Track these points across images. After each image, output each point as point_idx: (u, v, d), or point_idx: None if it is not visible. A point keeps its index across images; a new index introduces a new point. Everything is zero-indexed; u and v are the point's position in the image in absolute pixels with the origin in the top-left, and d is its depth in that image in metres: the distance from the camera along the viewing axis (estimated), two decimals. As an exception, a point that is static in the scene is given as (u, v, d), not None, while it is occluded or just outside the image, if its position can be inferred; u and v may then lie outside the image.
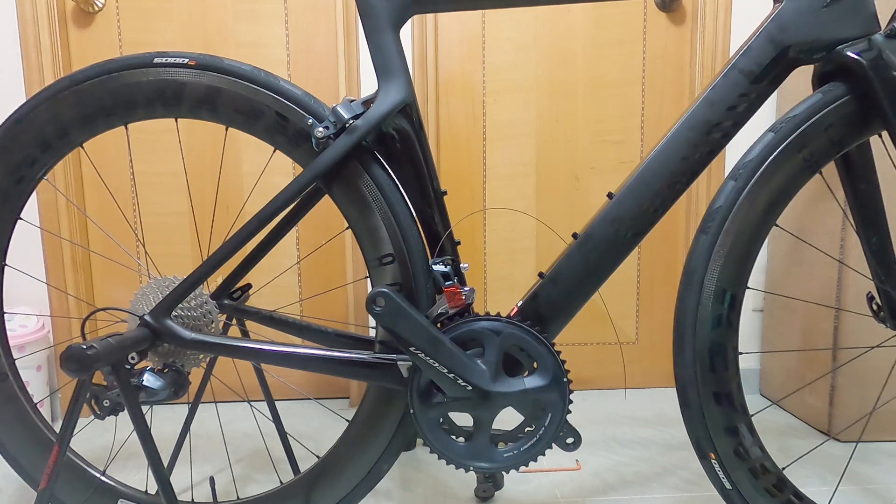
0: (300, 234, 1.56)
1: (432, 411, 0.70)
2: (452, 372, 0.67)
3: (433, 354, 0.67)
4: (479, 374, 0.68)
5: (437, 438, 0.71)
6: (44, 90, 0.73)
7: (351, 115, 0.70)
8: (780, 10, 0.68)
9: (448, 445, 0.71)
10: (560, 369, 0.69)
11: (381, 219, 0.72)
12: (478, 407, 0.69)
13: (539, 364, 0.69)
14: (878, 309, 0.82)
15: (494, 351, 0.69)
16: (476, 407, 0.69)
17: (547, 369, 0.69)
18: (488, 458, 0.71)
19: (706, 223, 0.69)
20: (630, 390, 1.65)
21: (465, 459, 0.71)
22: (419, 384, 0.70)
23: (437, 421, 0.71)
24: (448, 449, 0.71)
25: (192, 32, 1.46)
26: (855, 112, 0.67)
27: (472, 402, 0.69)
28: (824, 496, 1.03)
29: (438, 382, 0.68)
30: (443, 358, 0.67)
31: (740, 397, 0.70)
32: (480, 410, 0.70)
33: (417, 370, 0.69)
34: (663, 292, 1.63)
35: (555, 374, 0.69)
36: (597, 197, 1.58)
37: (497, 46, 1.52)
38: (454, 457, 0.71)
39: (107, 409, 0.66)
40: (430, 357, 0.67)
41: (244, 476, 1.13)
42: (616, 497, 1.04)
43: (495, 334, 0.68)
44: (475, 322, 0.69)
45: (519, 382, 0.69)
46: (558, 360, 0.69)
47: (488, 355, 0.69)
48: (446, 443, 0.71)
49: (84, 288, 1.49)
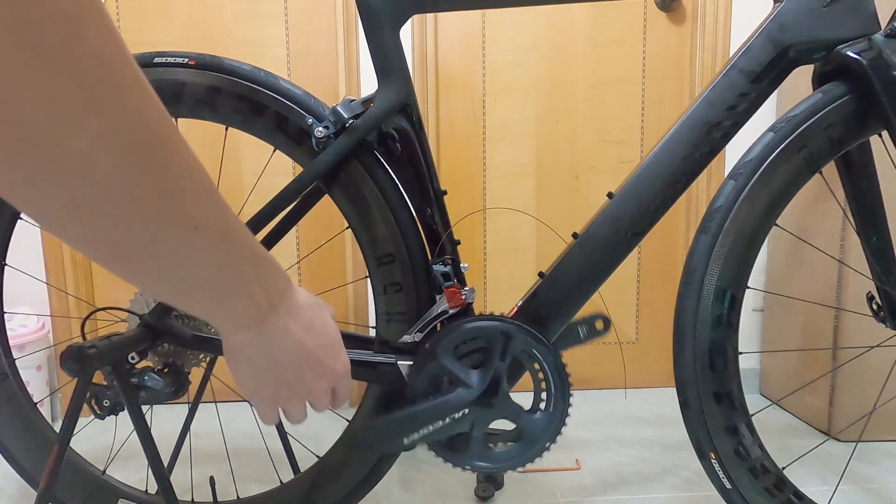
0: (300, 233, 1.56)
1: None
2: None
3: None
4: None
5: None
6: (44, 90, 0.73)
7: (351, 115, 0.70)
8: (780, 10, 0.68)
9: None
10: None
11: (381, 219, 0.72)
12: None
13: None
14: (878, 309, 0.82)
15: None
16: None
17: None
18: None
19: (706, 223, 0.69)
20: (630, 390, 1.65)
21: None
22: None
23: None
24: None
25: (192, 32, 1.46)
26: (855, 112, 0.67)
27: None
28: (824, 496, 1.03)
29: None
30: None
31: (740, 397, 0.70)
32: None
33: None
34: (663, 292, 1.63)
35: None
36: (597, 197, 1.58)
37: (497, 46, 1.52)
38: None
39: (107, 408, 0.66)
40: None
41: (244, 476, 1.13)
42: (616, 496, 1.04)
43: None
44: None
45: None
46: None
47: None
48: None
49: (84, 287, 1.49)
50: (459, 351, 0.69)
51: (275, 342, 0.40)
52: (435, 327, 0.71)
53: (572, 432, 1.34)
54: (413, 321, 0.72)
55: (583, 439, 1.30)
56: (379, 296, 0.73)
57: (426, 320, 0.70)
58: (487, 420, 0.69)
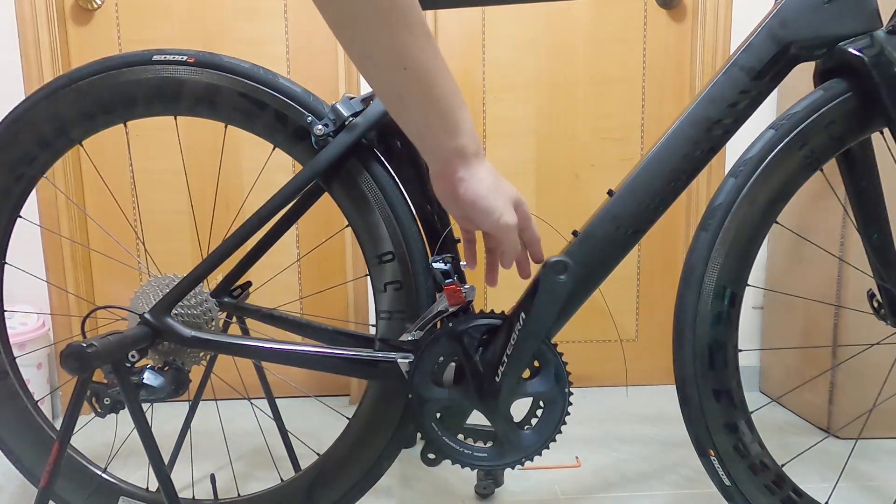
0: (300, 231, 1.56)
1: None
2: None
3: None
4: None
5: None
6: (43, 88, 0.73)
7: (350, 113, 0.70)
8: (782, 7, 0.68)
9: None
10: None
11: (381, 216, 0.72)
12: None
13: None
14: (879, 306, 0.82)
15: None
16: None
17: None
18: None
19: (706, 220, 0.69)
20: (630, 387, 1.65)
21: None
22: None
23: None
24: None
25: (191, 30, 1.46)
26: (856, 109, 0.67)
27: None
28: (823, 493, 1.03)
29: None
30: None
31: (740, 394, 0.70)
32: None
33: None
34: (663, 289, 1.63)
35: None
36: (597, 194, 1.58)
37: (497, 43, 1.52)
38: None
39: (107, 406, 0.66)
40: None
41: (245, 473, 1.13)
42: (616, 494, 1.04)
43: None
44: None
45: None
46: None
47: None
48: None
49: (84, 286, 1.49)
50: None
51: (490, 172, 0.56)
52: (435, 325, 0.71)
53: (573, 430, 1.34)
54: (413, 319, 0.72)
55: (583, 437, 1.30)
56: (379, 294, 0.73)
57: (426, 318, 0.70)
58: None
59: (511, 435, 0.69)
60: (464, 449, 0.70)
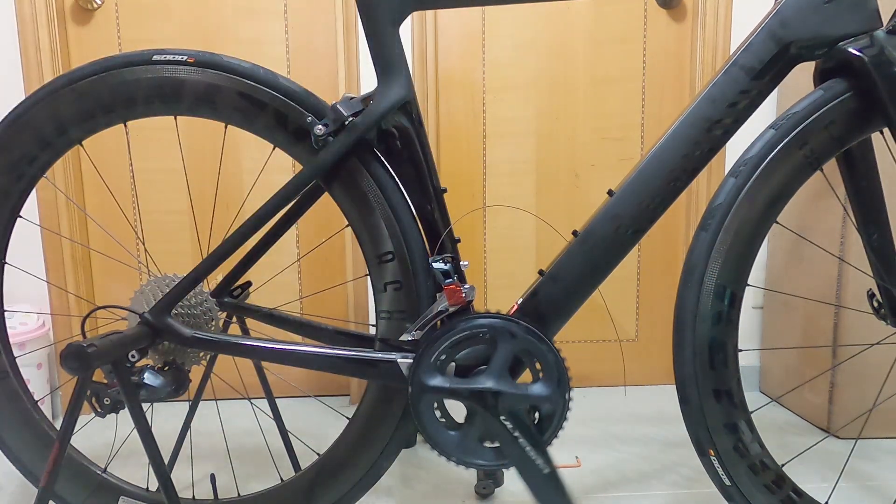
0: (300, 231, 1.56)
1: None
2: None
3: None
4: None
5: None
6: (43, 87, 0.73)
7: (350, 113, 0.69)
8: (782, 7, 0.68)
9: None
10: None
11: (381, 216, 0.72)
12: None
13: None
14: (879, 306, 0.82)
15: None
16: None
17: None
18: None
19: (706, 220, 0.69)
20: (630, 387, 1.65)
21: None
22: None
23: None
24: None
25: (191, 30, 1.46)
26: (856, 109, 0.67)
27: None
28: (823, 493, 1.03)
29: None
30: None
31: (740, 394, 0.70)
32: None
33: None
34: (663, 289, 1.63)
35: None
36: (597, 194, 1.58)
37: (497, 43, 1.52)
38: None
39: (107, 406, 0.66)
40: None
41: (245, 473, 1.13)
42: (616, 494, 1.04)
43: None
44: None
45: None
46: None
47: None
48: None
49: (84, 286, 1.49)
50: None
51: None
52: (434, 325, 0.71)
53: (572, 430, 1.34)
54: (413, 319, 0.72)
55: (583, 437, 1.30)
56: (379, 294, 0.73)
57: (426, 318, 0.70)
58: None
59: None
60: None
